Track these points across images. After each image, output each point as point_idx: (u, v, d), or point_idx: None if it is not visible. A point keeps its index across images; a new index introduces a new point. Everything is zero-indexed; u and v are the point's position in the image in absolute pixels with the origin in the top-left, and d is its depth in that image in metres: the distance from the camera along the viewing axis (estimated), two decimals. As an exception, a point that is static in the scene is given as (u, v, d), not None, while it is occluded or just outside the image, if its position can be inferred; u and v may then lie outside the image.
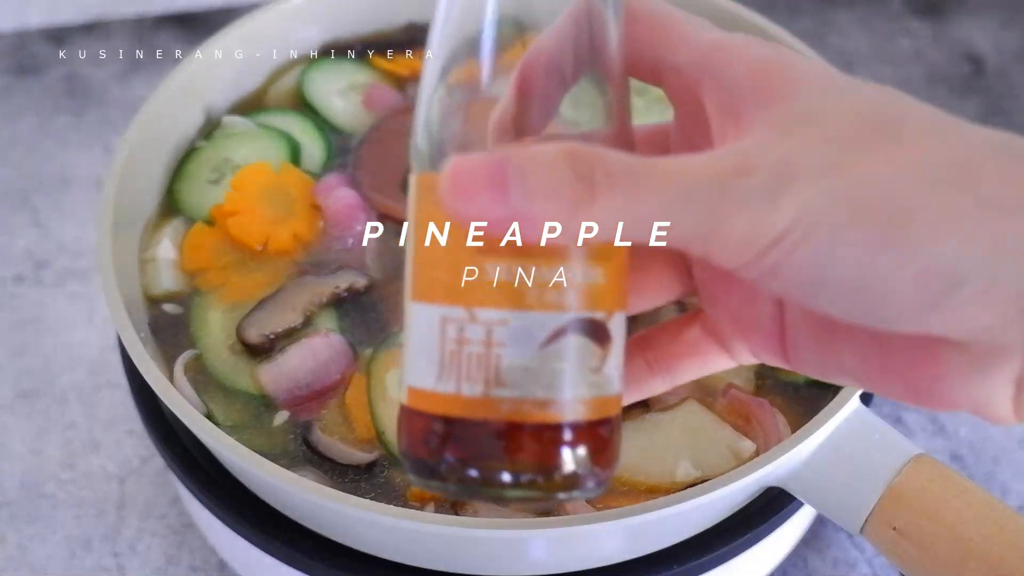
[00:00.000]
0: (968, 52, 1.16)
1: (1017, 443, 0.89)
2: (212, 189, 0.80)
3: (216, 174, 0.81)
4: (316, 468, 0.70)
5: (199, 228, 0.79)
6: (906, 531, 0.65)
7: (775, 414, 0.72)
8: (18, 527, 0.83)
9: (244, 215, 0.78)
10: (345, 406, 0.72)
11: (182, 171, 0.82)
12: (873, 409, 0.72)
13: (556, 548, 0.67)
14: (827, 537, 0.84)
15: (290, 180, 0.80)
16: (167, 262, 0.77)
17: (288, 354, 0.73)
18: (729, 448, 0.71)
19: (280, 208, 0.78)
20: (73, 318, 0.95)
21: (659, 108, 0.85)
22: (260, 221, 0.78)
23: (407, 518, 0.64)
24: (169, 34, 1.16)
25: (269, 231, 0.78)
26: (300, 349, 0.73)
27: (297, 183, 0.80)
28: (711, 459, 0.71)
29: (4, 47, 1.14)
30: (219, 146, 0.83)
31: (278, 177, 0.80)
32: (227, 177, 0.80)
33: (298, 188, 0.80)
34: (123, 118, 1.08)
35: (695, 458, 0.71)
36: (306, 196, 0.80)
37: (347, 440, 0.71)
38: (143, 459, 0.87)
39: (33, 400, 0.90)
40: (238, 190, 0.79)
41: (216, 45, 0.84)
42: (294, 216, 0.79)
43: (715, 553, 0.70)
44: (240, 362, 0.73)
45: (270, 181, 0.79)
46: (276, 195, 0.79)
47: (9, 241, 1.00)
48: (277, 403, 0.72)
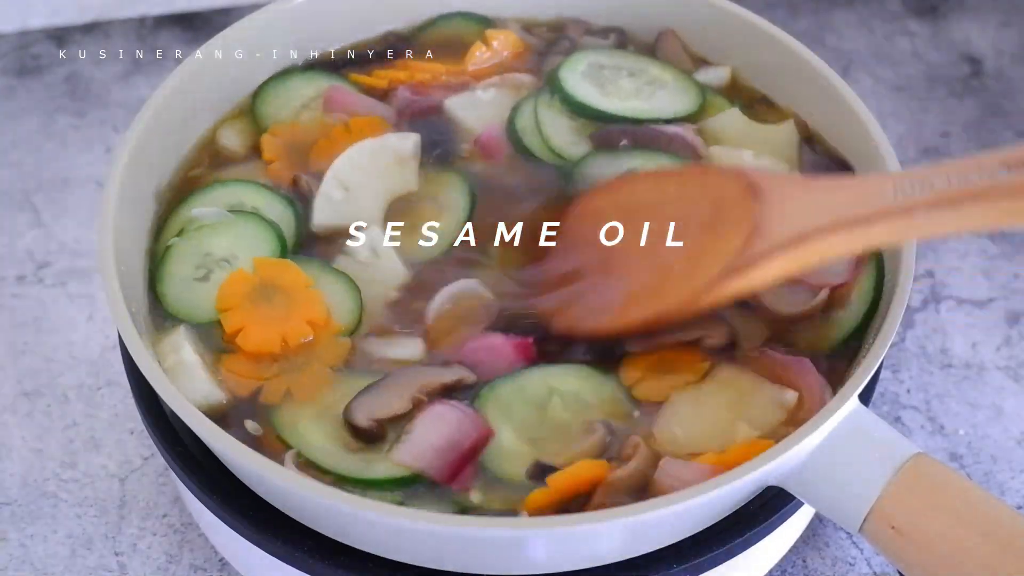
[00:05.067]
0: (967, 53, 1.16)
1: (1016, 442, 0.90)
2: (201, 287, 0.76)
3: (202, 271, 0.77)
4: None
5: (231, 358, 0.74)
6: (905, 530, 0.66)
7: (815, 371, 0.72)
8: (20, 526, 0.84)
9: (248, 329, 0.74)
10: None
11: (161, 274, 0.77)
12: (872, 409, 0.73)
13: (556, 548, 0.68)
14: (826, 536, 0.84)
15: (270, 273, 0.76)
16: (194, 365, 0.72)
17: (416, 428, 0.70)
18: (775, 402, 0.72)
19: (278, 302, 0.75)
20: (74, 318, 0.95)
21: (648, 91, 0.85)
22: (265, 326, 0.74)
23: (407, 517, 0.64)
24: (169, 34, 1.16)
25: (280, 330, 0.74)
26: (425, 420, 0.70)
27: (279, 272, 0.76)
28: (761, 416, 0.71)
29: (5, 48, 1.14)
30: (195, 241, 0.78)
31: (257, 276, 0.76)
32: (215, 272, 0.76)
33: (282, 276, 0.76)
34: (124, 118, 1.08)
35: (748, 418, 0.71)
36: (295, 278, 0.76)
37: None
38: (144, 458, 0.87)
39: (34, 399, 0.90)
40: (227, 309, 0.75)
41: (216, 45, 0.84)
42: (296, 303, 0.75)
43: (715, 552, 0.70)
44: (367, 456, 0.70)
45: (252, 284, 0.75)
46: (266, 293, 0.75)
47: (10, 241, 1.00)
48: (430, 477, 0.69)
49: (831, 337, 0.75)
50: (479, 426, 0.70)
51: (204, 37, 0.86)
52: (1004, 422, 0.91)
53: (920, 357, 0.94)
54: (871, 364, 0.69)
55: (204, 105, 0.85)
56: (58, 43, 1.15)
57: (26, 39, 1.15)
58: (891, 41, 1.17)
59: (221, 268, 0.77)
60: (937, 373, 0.93)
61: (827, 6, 1.20)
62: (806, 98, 0.85)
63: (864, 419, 0.68)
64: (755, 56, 0.87)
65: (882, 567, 0.83)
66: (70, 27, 1.16)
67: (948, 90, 1.13)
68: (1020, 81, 1.14)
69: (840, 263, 0.76)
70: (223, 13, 1.17)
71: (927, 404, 0.91)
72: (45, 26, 1.16)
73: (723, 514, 0.70)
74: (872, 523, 0.66)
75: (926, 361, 0.94)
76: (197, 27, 1.16)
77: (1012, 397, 0.92)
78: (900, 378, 0.93)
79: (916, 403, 0.92)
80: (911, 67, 1.15)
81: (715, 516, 0.70)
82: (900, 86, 1.13)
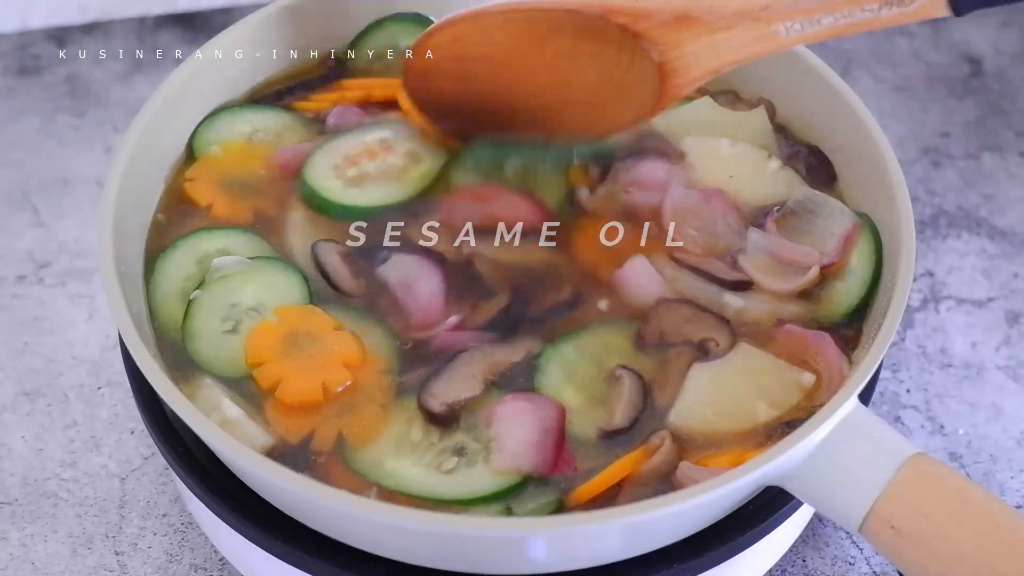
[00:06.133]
0: (966, 53, 1.16)
1: (1015, 442, 0.90)
2: (230, 339, 0.74)
3: (230, 323, 0.74)
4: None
5: (275, 407, 0.72)
6: (904, 530, 0.66)
7: (836, 347, 0.73)
8: (20, 526, 0.84)
9: (285, 382, 0.72)
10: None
11: (189, 329, 0.74)
12: (872, 409, 0.73)
13: (556, 547, 0.68)
14: (826, 535, 0.84)
15: (295, 320, 0.74)
16: (240, 419, 0.71)
17: (501, 433, 0.70)
18: (793, 382, 0.72)
19: (310, 349, 0.73)
20: (74, 318, 0.95)
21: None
22: (302, 376, 0.72)
23: (407, 517, 0.64)
24: (169, 34, 1.16)
25: (318, 377, 0.72)
26: (507, 421, 0.70)
27: (303, 318, 0.74)
28: (780, 396, 0.72)
29: (5, 48, 1.14)
30: (219, 292, 0.75)
31: (284, 326, 0.74)
32: (244, 323, 0.74)
33: (308, 322, 0.74)
34: (124, 118, 1.08)
35: (767, 398, 0.72)
36: (321, 322, 0.74)
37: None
38: (144, 458, 0.87)
39: (35, 399, 0.90)
40: (258, 363, 0.73)
41: (216, 45, 0.84)
42: (327, 348, 0.73)
43: (715, 552, 0.70)
44: (461, 470, 0.69)
45: (279, 335, 0.73)
46: (296, 342, 0.73)
47: (10, 241, 1.00)
48: (538, 473, 0.69)
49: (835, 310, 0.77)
50: (554, 405, 0.71)
51: (204, 37, 0.86)
52: (1004, 422, 0.91)
53: (920, 357, 0.94)
54: (871, 364, 0.69)
55: (204, 106, 0.85)
56: (58, 43, 1.15)
57: (26, 39, 1.15)
58: (891, 41, 1.17)
59: (249, 318, 0.74)
60: (937, 373, 0.93)
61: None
62: (806, 98, 0.85)
63: (864, 419, 0.68)
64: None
65: (882, 567, 0.83)
66: (70, 27, 1.16)
67: (948, 90, 1.13)
68: (1020, 81, 1.14)
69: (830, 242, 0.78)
70: (223, 13, 1.17)
71: (927, 404, 0.91)
72: (45, 26, 1.16)
73: (723, 514, 0.70)
74: (872, 523, 0.66)
75: (926, 361, 0.94)
76: (197, 27, 1.16)
77: (1012, 397, 0.92)
78: (900, 378, 0.93)
79: (916, 403, 0.92)
80: (911, 67, 1.15)
81: (715, 516, 0.70)
82: (900, 86, 1.13)
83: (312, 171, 0.81)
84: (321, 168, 0.81)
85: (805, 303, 0.77)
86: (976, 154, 1.08)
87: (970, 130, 1.09)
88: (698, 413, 0.71)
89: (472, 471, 0.69)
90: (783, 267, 0.77)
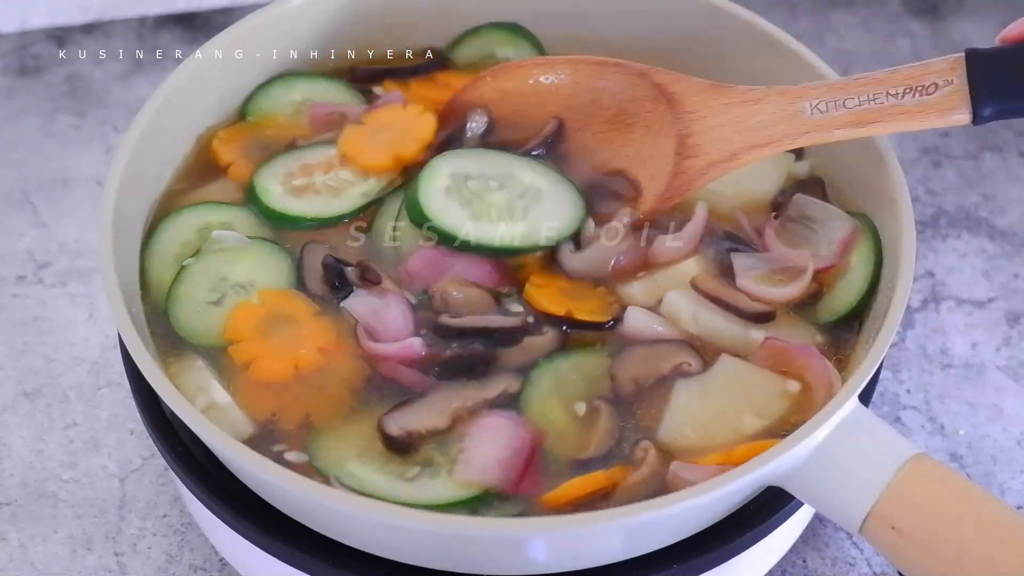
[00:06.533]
0: (967, 52, 1.16)
1: (1016, 442, 0.90)
2: (214, 311, 0.75)
3: (216, 294, 0.76)
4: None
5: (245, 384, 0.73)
6: (905, 530, 0.66)
7: (822, 358, 0.73)
8: (20, 526, 0.84)
9: (259, 360, 0.73)
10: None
11: (175, 294, 0.76)
12: (872, 409, 0.73)
13: (557, 548, 0.68)
14: (826, 536, 0.84)
15: (276, 303, 0.76)
16: (229, 407, 0.72)
17: (471, 446, 0.70)
18: (778, 391, 0.72)
19: (287, 332, 0.74)
20: (74, 318, 0.95)
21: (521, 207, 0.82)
22: (276, 356, 0.73)
23: (407, 517, 0.64)
24: (169, 34, 1.16)
25: (292, 359, 0.73)
26: (479, 435, 0.70)
27: (284, 302, 0.76)
28: (766, 406, 0.72)
29: (6, 48, 1.14)
30: (212, 263, 0.77)
31: (265, 307, 0.75)
32: (229, 297, 0.75)
33: (288, 305, 0.76)
34: (124, 118, 1.08)
35: (753, 408, 0.71)
36: (301, 307, 0.76)
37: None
38: (144, 458, 0.87)
39: (34, 399, 0.90)
40: (236, 339, 0.74)
41: (216, 45, 0.84)
42: (305, 331, 0.75)
43: (715, 552, 0.70)
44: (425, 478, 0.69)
45: (259, 316, 0.75)
46: (275, 323, 0.75)
47: (10, 241, 1.00)
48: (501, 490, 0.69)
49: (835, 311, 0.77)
50: (531, 427, 0.71)
51: (204, 37, 0.86)
52: (1004, 422, 0.91)
53: (920, 357, 0.94)
54: (871, 364, 0.69)
55: (204, 105, 0.85)
56: (58, 43, 1.15)
57: (26, 39, 1.15)
58: (891, 41, 1.17)
59: (236, 293, 0.76)
60: (937, 373, 0.93)
61: (827, 6, 1.20)
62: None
63: (864, 419, 0.68)
64: (755, 57, 0.87)
65: (882, 567, 0.83)
66: (70, 27, 1.16)
67: (948, 90, 1.13)
68: (1020, 81, 1.14)
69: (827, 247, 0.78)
70: (223, 13, 1.17)
71: (927, 404, 0.91)
72: (45, 26, 1.16)
73: (723, 514, 0.70)
74: (872, 523, 0.66)
75: (926, 361, 0.94)
76: (197, 27, 1.16)
77: (1012, 397, 0.92)
78: (900, 378, 0.93)
79: (916, 403, 0.92)
80: (911, 67, 1.15)
81: (715, 516, 0.70)
82: (900, 86, 1.13)
83: (262, 173, 0.82)
84: (272, 172, 0.82)
85: (805, 308, 0.77)
86: (976, 154, 1.08)
87: (970, 130, 1.09)
88: (685, 429, 0.71)
89: (433, 482, 0.69)
90: (780, 275, 0.77)
